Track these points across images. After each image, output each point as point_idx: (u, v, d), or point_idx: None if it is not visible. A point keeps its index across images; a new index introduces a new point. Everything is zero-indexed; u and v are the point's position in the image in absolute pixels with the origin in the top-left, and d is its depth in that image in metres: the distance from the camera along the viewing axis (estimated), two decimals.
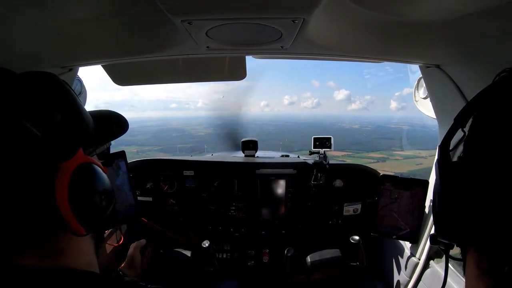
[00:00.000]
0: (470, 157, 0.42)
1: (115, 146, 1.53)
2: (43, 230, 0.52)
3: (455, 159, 0.46)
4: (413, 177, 1.57)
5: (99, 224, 0.59)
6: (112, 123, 0.80)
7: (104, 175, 0.61)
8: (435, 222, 0.52)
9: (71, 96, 0.60)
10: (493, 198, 0.37)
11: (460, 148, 0.46)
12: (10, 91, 0.48)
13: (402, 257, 1.68)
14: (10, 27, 0.81)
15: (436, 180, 0.50)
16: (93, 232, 0.57)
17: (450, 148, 0.49)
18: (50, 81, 0.58)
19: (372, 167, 2.09)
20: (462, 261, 0.46)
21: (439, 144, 0.49)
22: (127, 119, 0.82)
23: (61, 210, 0.50)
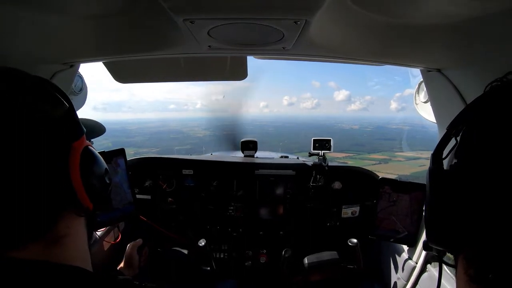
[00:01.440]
0: (460, 167, 0.43)
1: (115, 147, 1.54)
2: (49, 211, 0.54)
3: (448, 167, 0.47)
4: (416, 180, 1.57)
5: (104, 200, 0.66)
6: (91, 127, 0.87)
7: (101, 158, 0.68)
8: (426, 229, 0.53)
9: (66, 95, 0.65)
10: (481, 209, 0.38)
11: (451, 155, 0.46)
12: (26, 84, 0.54)
13: (399, 260, 1.68)
14: (12, 23, 0.81)
15: (427, 188, 0.50)
16: (99, 208, 0.63)
17: (443, 156, 0.49)
18: (46, 80, 0.62)
19: (375, 169, 2.08)
20: (455, 267, 0.46)
21: (432, 151, 0.49)
22: (126, 120, 0.86)
23: (74, 185, 0.55)
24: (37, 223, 0.52)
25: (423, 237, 1.49)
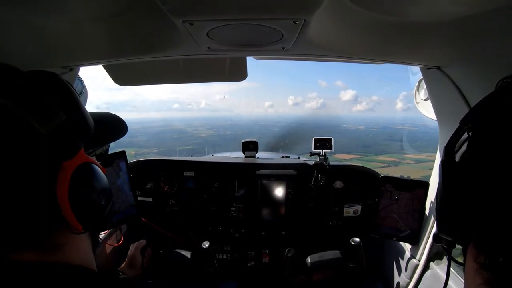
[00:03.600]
0: (473, 159, 0.44)
1: (115, 148, 1.53)
2: (42, 225, 0.52)
3: (457, 159, 0.48)
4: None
5: (96, 222, 0.60)
6: (112, 126, 0.83)
7: (104, 175, 0.63)
8: (437, 219, 0.54)
9: (74, 96, 0.61)
10: (492, 197, 0.39)
11: (462, 149, 0.47)
12: (16, 88, 0.50)
13: (402, 258, 1.68)
14: (11, 26, 0.81)
15: (440, 179, 0.51)
16: (90, 229, 0.59)
17: (456, 150, 0.50)
18: (55, 81, 0.59)
19: (385, 172, 2.00)
20: (463, 263, 0.47)
21: (444, 145, 0.51)
22: (129, 120, 0.83)
23: (62, 208, 0.51)
24: (28, 232, 0.51)
25: (427, 234, 1.49)
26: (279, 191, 2.08)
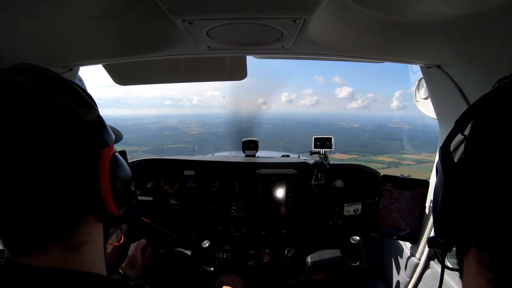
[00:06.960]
0: (471, 159, 0.44)
1: None
2: (72, 215, 0.54)
3: (455, 159, 0.48)
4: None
5: (129, 206, 0.67)
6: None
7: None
8: (435, 222, 0.53)
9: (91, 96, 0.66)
10: (493, 196, 0.39)
11: (460, 150, 0.48)
12: (62, 85, 0.55)
13: (402, 257, 1.68)
14: (11, 26, 0.81)
15: (437, 180, 0.51)
16: (122, 215, 0.64)
17: (451, 150, 0.50)
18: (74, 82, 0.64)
19: (386, 173, 1.90)
20: (458, 268, 0.48)
21: (440, 145, 0.50)
22: (119, 116, 0.87)
23: (102, 192, 0.55)
24: (59, 227, 0.53)
25: (427, 233, 1.49)
26: (279, 190, 2.08)
